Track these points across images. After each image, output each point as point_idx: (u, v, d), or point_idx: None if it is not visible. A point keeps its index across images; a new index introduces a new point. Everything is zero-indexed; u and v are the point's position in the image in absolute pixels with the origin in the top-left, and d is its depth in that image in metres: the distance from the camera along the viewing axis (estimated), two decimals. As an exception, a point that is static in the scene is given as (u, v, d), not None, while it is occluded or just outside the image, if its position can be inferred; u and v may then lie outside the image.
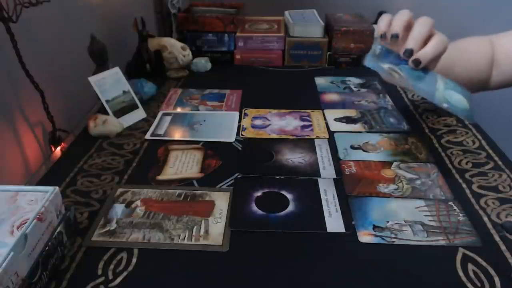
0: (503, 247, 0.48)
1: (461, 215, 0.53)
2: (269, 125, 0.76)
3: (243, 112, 0.81)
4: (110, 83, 0.77)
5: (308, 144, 0.70)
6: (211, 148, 0.69)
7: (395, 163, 0.64)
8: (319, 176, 0.62)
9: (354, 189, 0.58)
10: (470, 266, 0.46)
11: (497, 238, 0.50)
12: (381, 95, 0.89)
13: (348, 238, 0.50)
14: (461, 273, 0.45)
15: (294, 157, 0.66)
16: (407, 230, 0.51)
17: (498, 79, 0.71)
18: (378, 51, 0.58)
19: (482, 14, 1.68)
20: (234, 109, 0.83)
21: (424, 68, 0.57)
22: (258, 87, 0.95)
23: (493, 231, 0.51)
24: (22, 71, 0.63)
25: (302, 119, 0.78)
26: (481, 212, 0.54)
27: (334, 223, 0.52)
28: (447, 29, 0.59)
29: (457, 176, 0.61)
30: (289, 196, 0.57)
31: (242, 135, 0.73)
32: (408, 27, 0.57)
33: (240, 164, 0.65)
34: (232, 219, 0.53)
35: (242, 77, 1.00)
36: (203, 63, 1.03)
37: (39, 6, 0.65)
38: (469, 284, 0.44)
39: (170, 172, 0.63)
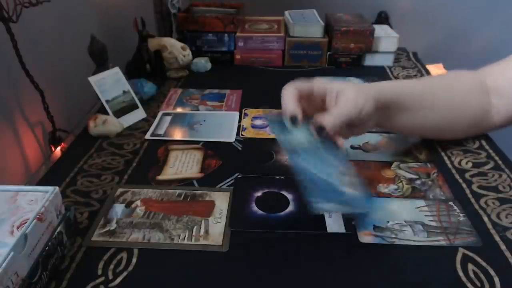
0: (503, 247, 0.48)
1: (461, 215, 0.53)
2: (269, 125, 0.76)
3: (243, 112, 0.81)
4: (110, 83, 0.76)
5: (308, 144, 0.70)
6: (211, 148, 0.69)
7: (395, 163, 0.64)
8: (319, 176, 0.62)
9: (354, 189, 0.58)
10: (470, 266, 0.46)
11: (497, 238, 0.50)
12: (381, 95, 0.89)
13: (349, 238, 0.50)
14: (461, 273, 0.45)
15: (294, 157, 0.66)
16: (408, 230, 0.51)
17: (506, 109, 0.63)
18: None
19: (482, 14, 1.68)
20: (234, 109, 0.83)
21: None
22: (258, 87, 0.95)
23: (493, 231, 0.51)
24: (22, 71, 0.63)
25: (302, 119, 0.78)
26: (481, 212, 0.54)
27: (334, 223, 0.52)
28: (447, 30, 0.58)
29: (457, 176, 0.61)
30: (289, 196, 0.57)
31: (242, 135, 0.73)
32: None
33: (240, 164, 0.64)
34: (232, 219, 0.53)
35: (242, 77, 1.00)
36: (203, 63, 1.03)
37: (39, 6, 0.65)
38: (469, 284, 0.44)
39: (170, 172, 0.63)
